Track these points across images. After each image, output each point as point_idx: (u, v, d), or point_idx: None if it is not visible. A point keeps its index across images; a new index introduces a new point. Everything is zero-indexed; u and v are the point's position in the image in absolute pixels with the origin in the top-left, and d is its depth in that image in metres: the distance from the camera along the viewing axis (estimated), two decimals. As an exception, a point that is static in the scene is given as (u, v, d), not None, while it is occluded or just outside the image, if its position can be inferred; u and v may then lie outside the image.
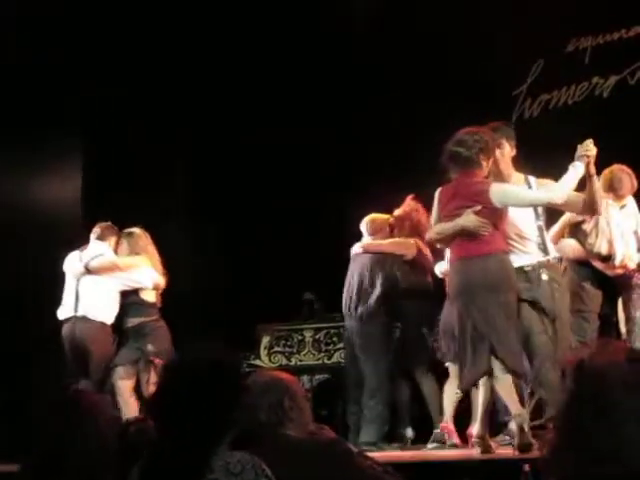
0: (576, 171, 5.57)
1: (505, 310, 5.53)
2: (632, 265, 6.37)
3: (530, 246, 5.81)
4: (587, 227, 6.36)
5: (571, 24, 9.91)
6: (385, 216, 8.01)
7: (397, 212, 7.89)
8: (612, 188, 6.51)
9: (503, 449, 5.94)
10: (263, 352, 8.57)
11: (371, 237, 7.94)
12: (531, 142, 8.71)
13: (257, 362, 8.49)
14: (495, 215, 5.61)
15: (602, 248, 6.29)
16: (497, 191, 5.61)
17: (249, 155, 10.29)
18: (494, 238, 5.59)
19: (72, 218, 9.39)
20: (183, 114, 10.38)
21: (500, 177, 5.87)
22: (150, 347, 7.70)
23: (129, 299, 7.98)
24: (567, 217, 6.53)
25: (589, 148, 5.55)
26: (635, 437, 1.56)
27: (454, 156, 5.73)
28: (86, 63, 9.50)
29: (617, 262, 6.29)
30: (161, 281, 8.02)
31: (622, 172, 6.57)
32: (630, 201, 6.64)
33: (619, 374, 1.65)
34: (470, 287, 5.57)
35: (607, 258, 6.34)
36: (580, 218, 6.40)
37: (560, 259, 6.15)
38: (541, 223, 5.87)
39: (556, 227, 6.55)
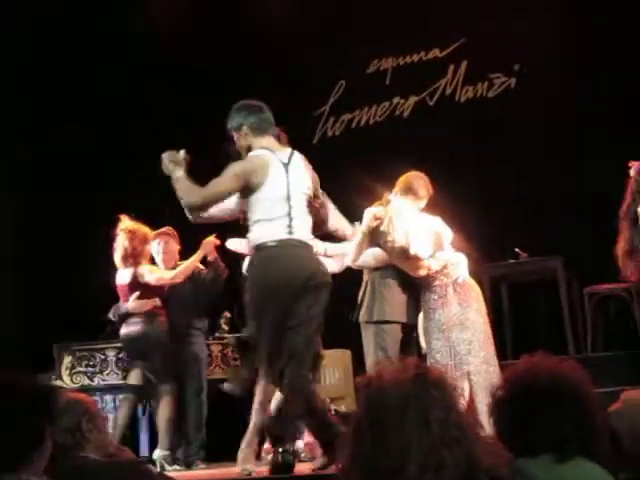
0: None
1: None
2: (435, 266, 6.46)
3: None
4: (384, 227, 6.42)
5: (372, 46, 10.13)
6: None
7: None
8: (410, 190, 6.60)
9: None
10: (64, 372, 8.33)
11: None
12: (333, 160, 8.89)
13: (58, 382, 8.25)
14: None
15: (400, 240, 6.35)
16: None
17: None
18: None
19: None
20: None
21: None
22: None
23: None
24: (362, 228, 6.54)
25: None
26: (417, 454, 1.59)
27: None
28: None
29: (413, 252, 6.34)
30: None
31: (418, 177, 6.70)
32: (426, 215, 6.75)
33: (400, 391, 1.67)
34: None
35: (407, 251, 6.39)
36: (375, 223, 6.44)
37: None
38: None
39: (354, 244, 6.56)
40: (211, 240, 7.60)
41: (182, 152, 5.56)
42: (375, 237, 6.50)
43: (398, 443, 1.62)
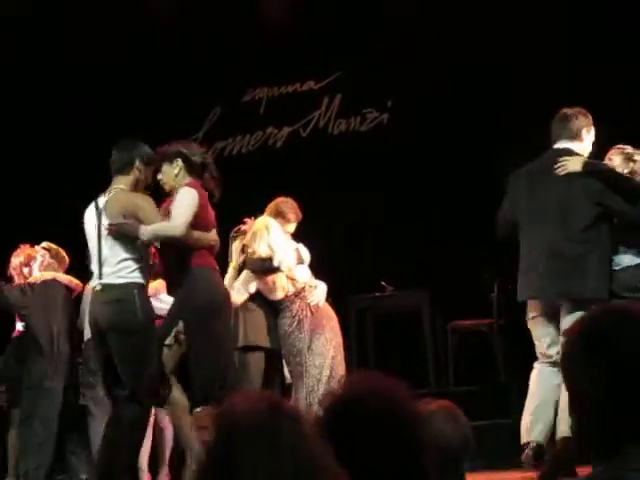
0: None
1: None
2: (292, 289, 6.47)
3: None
4: (246, 240, 6.45)
5: (248, 74, 10.16)
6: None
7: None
8: (279, 213, 6.68)
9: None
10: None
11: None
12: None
13: None
14: None
15: (261, 250, 6.36)
16: None
17: None
18: None
19: None
20: None
21: None
22: None
23: None
24: (232, 263, 6.59)
25: None
26: None
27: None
28: None
29: (276, 262, 6.36)
30: None
31: (286, 202, 6.78)
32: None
33: (251, 422, 1.66)
34: None
35: (268, 262, 6.37)
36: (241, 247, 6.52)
37: None
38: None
39: (228, 283, 6.52)
40: None
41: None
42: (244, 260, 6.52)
43: (248, 474, 1.61)
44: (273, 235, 6.41)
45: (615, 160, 5.91)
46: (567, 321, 5.41)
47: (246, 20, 9.90)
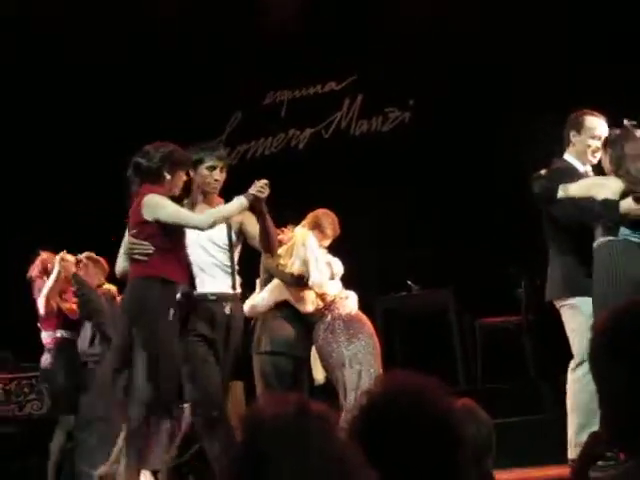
0: (238, 204, 5.38)
1: (141, 340, 5.22)
2: (322, 303, 6.45)
3: (218, 274, 5.68)
4: (281, 250, 6.40)
5: (268, 77, 10.17)
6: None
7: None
8: (317, 226, 6.63)
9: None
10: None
11: None
12: (229, 191, 8.87)
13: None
14: (157, 234, 5.32)
15: (295, 266, 6.33)
16: (149, 203, 5.30)
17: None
18: (150, 261, 5.29)
19: None
20: None
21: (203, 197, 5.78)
22: None
23: None
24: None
25: (263, 189, 5.48)
26: None
27: (136, 167, 5.40)
28: None
29: (310, 282, 6.33)
30: None
31: (327, 215, 6.72)
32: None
33: (279, 424, 1.65)
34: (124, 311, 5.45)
35: (300, 280, 6.35)
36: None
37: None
38: (233, 254, 5.75)
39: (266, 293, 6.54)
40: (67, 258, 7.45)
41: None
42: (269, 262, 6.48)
43: (275, 476, 1.60)
44: (310, 252, 6.38)
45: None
46: None
47: (261, 22, 9.90)
